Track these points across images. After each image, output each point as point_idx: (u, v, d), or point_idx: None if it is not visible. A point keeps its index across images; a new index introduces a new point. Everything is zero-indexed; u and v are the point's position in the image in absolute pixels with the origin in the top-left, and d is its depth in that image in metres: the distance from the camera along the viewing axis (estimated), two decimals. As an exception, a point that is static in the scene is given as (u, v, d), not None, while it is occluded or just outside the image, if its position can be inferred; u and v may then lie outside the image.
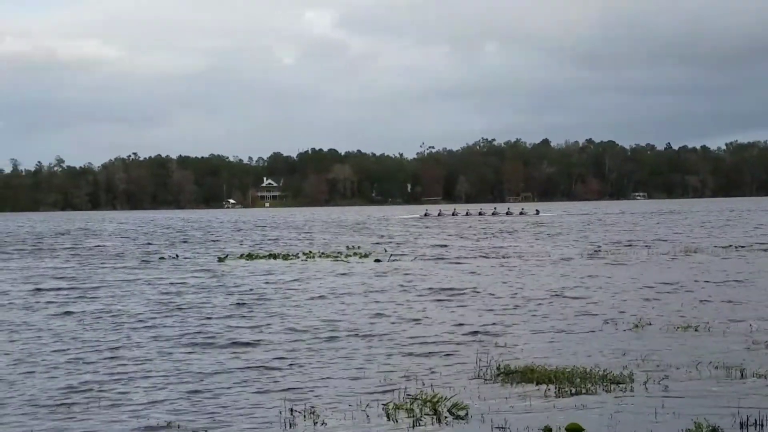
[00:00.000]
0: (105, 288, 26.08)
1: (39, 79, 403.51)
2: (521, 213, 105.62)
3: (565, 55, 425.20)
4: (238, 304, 21.68)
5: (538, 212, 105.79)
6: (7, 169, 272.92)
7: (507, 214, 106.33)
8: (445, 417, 10.47)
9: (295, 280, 27.83)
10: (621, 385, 11.79)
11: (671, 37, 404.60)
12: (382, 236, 59.13)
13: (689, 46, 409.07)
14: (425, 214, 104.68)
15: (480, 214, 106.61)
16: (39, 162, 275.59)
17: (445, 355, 14.40)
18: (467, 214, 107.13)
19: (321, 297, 22.89)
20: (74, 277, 30.29)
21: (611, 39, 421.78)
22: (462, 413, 10.53)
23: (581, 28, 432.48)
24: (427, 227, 74.66)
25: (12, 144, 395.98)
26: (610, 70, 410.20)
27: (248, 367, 13.58)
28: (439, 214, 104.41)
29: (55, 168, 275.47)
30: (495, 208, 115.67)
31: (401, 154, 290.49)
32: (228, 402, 11.42)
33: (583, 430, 9.67)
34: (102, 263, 37.15)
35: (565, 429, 9.71)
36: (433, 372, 12.98)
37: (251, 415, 10.73)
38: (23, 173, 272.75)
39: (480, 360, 13.45)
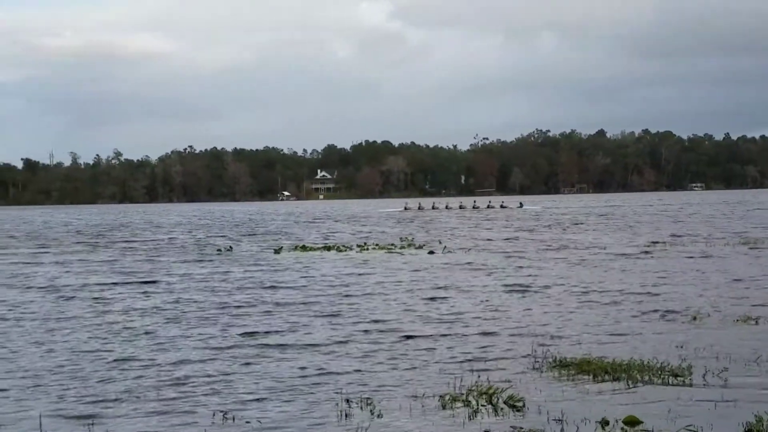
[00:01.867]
0: (164, 282, 26.42)
1: (97, 73, 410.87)
2: (502, 206, 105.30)
3: (621, 45, 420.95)
4: (294, 295, 21.84)
5: (521, 205, 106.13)
6: (67, 163, 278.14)
7: (488, 207, 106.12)
8: (502, 408, 10.47)
9: (350, 272, 27.97)
10: (679, 378, 11.67)
11: (728, 26, 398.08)
12: (434, 228, 59.08)
13: (747, 36, 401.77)
14: (405, 208, 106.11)
15: (461, 207, 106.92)
16: (97, 155, 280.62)
17: (500, 346, 14.37)
18: (447, 207, 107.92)
19: (376, 288, 22.97)
20: (135, 271, 30.77)
21: (668, 29, 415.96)
22: (518, 405, 10.52)
23: (638, 18, 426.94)
24: (468, 219, 74.39)
25: (71, 138, 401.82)
26: (667, 60, 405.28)
27: (303, 359, 13.68)
28: (419, 208, 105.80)
29: (113, 161, 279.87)
30: (475, 201, 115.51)
31: (455, 146, 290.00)
32: (283, 392, 11.51)
33: (641, 422, 9.59)
34: (161, 256, 37.68)
35: (623, 421, 9.65)
36: (488, 364, 12.97)
37: (307, 407, 10.78)
38: (82, 167, 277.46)
39: (535, 352, 13.41)
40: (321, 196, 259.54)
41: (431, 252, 35.55)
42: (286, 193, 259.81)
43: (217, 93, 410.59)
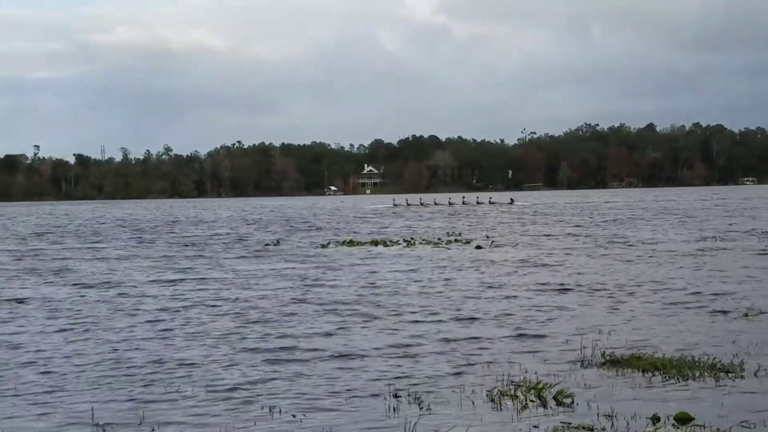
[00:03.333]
0: (216, 278, 26.64)
1: (148, 69, 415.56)
2: (490, 202, 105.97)
3: (672, 38, 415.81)
4: (340, 291, 21.90)
5: (512, 201, 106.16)
6: (118, 158, 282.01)
7: (477, 203, 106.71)
8: (550, 404, 10.42)
9: (397, 267, 27.99)
10: (731, 374, 11.52)
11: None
12: (481, 223, 58.93)
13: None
14: (394, 204, 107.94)
15: (450, 203, 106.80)
16: (148, 151, 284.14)
17: (548, 342, 14.27)
18: (435, 203, 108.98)
19: (423, 284, 22.95)
20: (189, 267, 31.05)
21: (720, 21, 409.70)
22: (567, 400, 10.45)
23: (691, 10, 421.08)
24: (510, 214, 74.03)
25: (123, 133, 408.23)
26: (718, 53, 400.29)
27: (351, 354, 13.73)
28: (407, 204, 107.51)
29: (163, 156, 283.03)
30: (464, 197, 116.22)
31: (502, 140, 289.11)
32: (332, 386, 11.56)
33: (693, 418, 9.48)
34: (212, 251, 38.06)
35: (674, 418, 9.55)
36: (537, 359, 12.90)
37: (355, 402, 10.81)
38: (133, 162, 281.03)
39: (585, 348, 13.30)
40: (368, 191, 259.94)
41: (478, 247, 35.42)
42: (333, 188, 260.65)
43: (266, 88, 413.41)
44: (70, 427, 9.98)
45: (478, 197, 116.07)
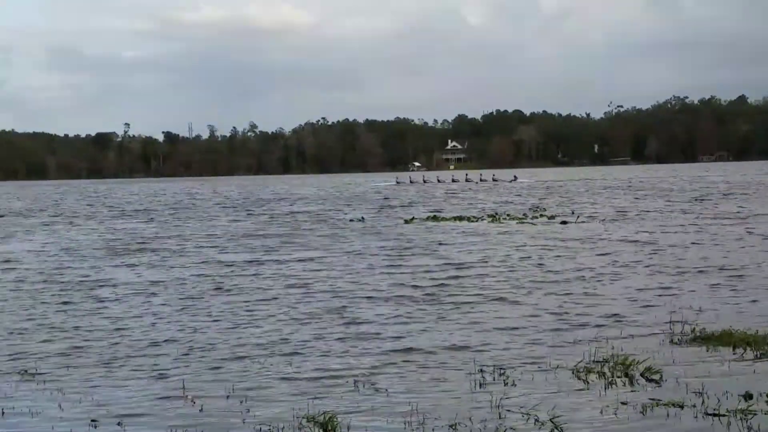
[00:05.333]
0: (311, 257, 26.81)
1: (234, 46, 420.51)
2: (494, 179, 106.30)
3: (765, 6, 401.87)
4: (427, 265, 21.90)
5: (515, 178, 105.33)
6: (205, 135, 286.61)
7: (481, 180, 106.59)
8: (638, 380, 10.27)
9: (482, 242, 27.90)
10: (828, 352, 11.19)
11: None
12: (565, 198, 58.27)
13: None
14: (397, 182, 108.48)
15: (453, 180, 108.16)
16: (234, 128, 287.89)
17: (636, 319, 14.07)
18: (438, 180, 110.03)
19: (509, 259, 22.81)
20: (273, 248, 31.43)
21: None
22: (656, 377, 10.30)
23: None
24: (598, 189, 72.88)
25: (210, 111, 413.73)
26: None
27: (437, 328, 13.76)
28: (410, 182, 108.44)
29: (249, 133, 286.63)
30: (467, 174, 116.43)
31: (588, 114, 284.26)
32: (416, 361, 11.61)
33: (787, 397, 9.25)
34: (301, 228, 38.45)
35: (767, 395, 9.33)
36: (624, 336, 12.72)
37: (440, 376, 10.83)
38: (219, 139, 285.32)
39: (673, 324, 13.09)
40: (451, 167, 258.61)
41: (564, 222, 35.07)
42: (416, 164, 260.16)
43: (350, 64, 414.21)
44: (166, 400, 10.22)
45: (481, 174, 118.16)
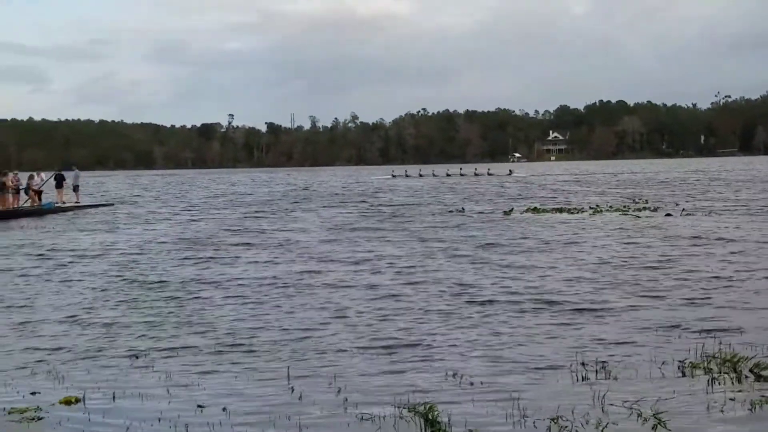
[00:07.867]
0: (415, 249, 26.92)
1: (335, 38, 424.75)
2: (489, 173, 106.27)
3: None
4: (527, 258, 21.76)
5: (510, 173, 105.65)
6: (307, 126, 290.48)
7: (475, 174, 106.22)
8: (747, 377, 9.99)
9: (585, 234, 27.51)
10: None
11: None
12: (664, 189, 56.99)
13: None
14: (393, 176, 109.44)
15: (448, 175, 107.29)
16: (335, 119, 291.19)
17: (744, 315, 13.64)
18: (433, 174, 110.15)
19: (614, 252, 22.44)
20: (393, 229, 31.62)
21: None
22: (765, 373, 10.00)
23: None
24: (700, 181, 70.92)
25: (311, 102, 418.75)
26: None
27: (537, 320, 13.65)
28: (406, 175, 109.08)
29: (350, 124, 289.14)
30: (461, 169, 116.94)
31: (694, 105, 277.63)
32: (514, 354, 11.53)
33: None
34: (404, 216, 38.63)
35: None
36: (731, 331, 12.36)
37: (541, 370, 10.71)
38: (321, 130, 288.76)
39: (785, 320, 12.71)
40: (552, 158, 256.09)
41: (668, 215, 34.33)
42: (517, 155, 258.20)
43: (450, 55, 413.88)
44: (267, 382, 10.40)
45: (476, 169, 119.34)
